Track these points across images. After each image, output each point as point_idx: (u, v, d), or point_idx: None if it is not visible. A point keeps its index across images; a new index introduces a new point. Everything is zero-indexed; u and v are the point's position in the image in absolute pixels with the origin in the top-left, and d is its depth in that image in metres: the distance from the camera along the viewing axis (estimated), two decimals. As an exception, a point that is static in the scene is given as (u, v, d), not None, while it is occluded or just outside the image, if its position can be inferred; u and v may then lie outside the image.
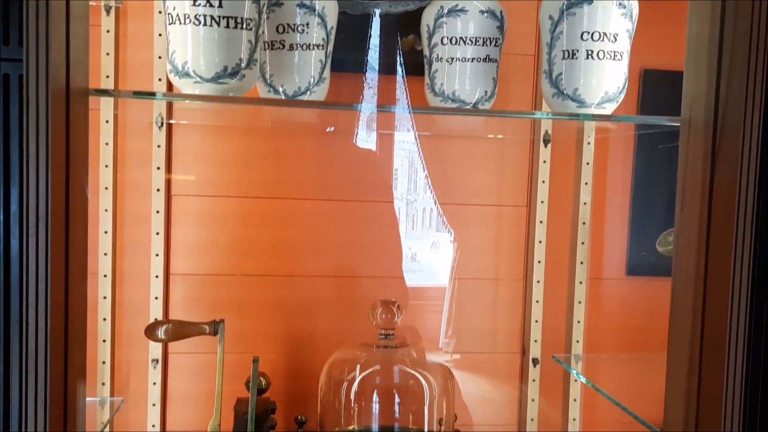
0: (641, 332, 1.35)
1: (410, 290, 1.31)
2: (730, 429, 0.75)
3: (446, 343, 1.33)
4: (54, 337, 0.63)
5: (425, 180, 1.30)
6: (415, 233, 1.32)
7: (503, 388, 1.34)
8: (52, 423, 0.64)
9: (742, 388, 0.75)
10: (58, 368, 0.66)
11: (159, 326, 1.02)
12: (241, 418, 0.97)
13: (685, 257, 0.79)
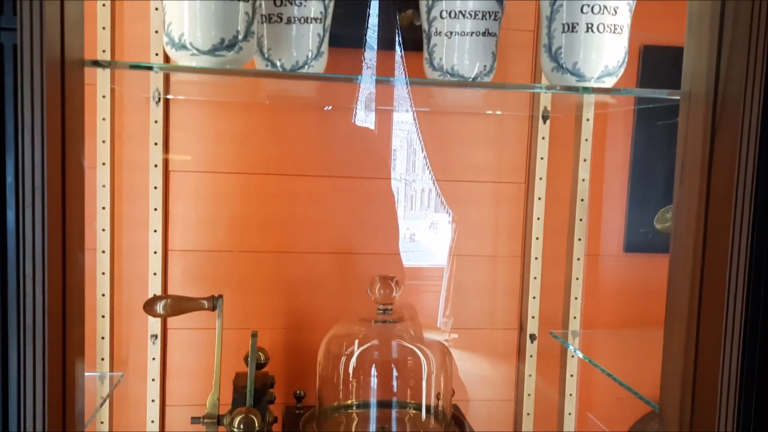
0: (639, 309, 1.35)
1: (408, 270, 1.31)
2: (726, 406, 0.76)
3: (444, 322, 1.34)
4: (52, 310, 0.63)
5: (423, 158, 1.30)
6: (414, 213, 1.32)
7: (501, 364, 1.35)
8: (50, 398, 0.64)
9: (738, 365, 0.76)
10: (57, 343, 0.66)
11: (158, 301, 1.02)
12: (240, 392, 0.97)
13: (684, 232, 0.79)
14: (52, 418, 0.66)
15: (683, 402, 0.80)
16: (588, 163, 1.28)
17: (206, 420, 0.97)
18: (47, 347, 0.63)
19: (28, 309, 0.62)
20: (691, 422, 0.79)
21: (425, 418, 1.08)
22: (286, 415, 1.14)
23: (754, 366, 0.76)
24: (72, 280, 0.66)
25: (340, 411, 1.11)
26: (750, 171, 0.72)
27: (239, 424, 0.86)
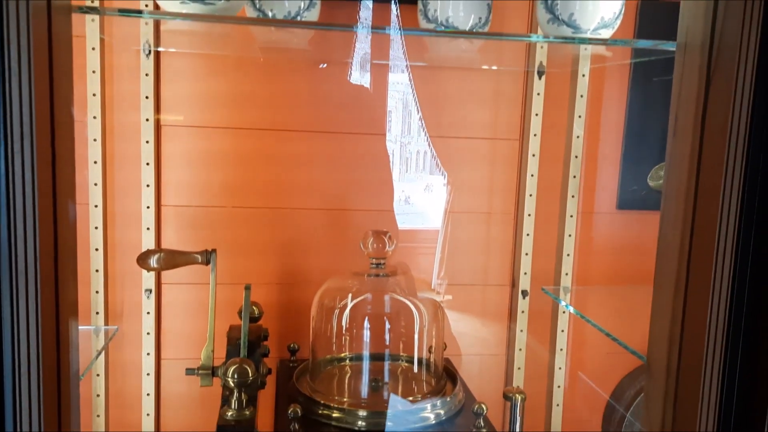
0: (631, 266, 1.36)
1: (403, 233, 1.31)
2: (712, 359, 0.77)
3: (438, 283, 1.35)
4: (44, 261, 0.63)
5: (419, 117, 1.28)
6: (409, 176, 1.31)
7: (492, 320, 1.37)
8: (44, 353, 0.65)
9: (725, 319, 0.76)
10: (49, 296, 0.66)
11: (151, 255, 1.02)
12: (234, 344, 0.98)
13: (676, 186, 0.80)
14: (47, 372, 0.66)
15: (670, 355, 0.81)
16: (582, 120, 1.28)
17: (201, 371, 0.98)
18: (40, 300, 0.64)
19: (20, 259, 0.62)
20: (678, 375, 0.80)
21: (417, 370, 1.10)
22: (280, 368, 1.16)
23: (741, 320, 0.76)
24: (64, 229, 0.66)
25: (333, 364, 1.13)
26: (743, 122, 0.72)
27: (233, 374, 0.87)
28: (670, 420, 0.80)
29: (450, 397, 1.01)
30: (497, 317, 1.37)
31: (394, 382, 1.09)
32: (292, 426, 0.92)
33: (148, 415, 1.25)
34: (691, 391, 0.76)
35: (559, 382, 1.36)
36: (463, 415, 1.00)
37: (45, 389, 0.65)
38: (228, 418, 0.87)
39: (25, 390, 0.64)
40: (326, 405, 0.98)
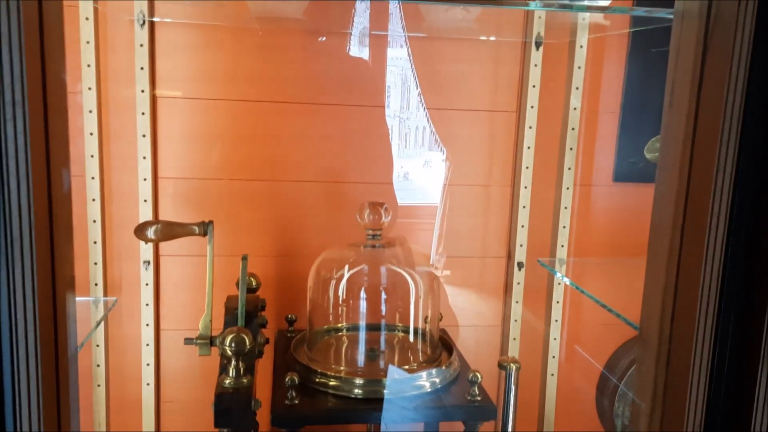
0: (626, 238, 1.37)
1: (402, 208, 1.31)
2: (704, 328, 0.77)
3: (437, 258, 1.35)
4: (39, 226, 0.64)
5: (417, 88, 1.28)
6: (408, 151, 1.31)
7: (488, 292, 1.38)
8: (41, 323, 0.65)
9: (718, 288, 0.77)
10: (45, 264, 0.66)
11: (148, 226, 1.02)
12: (232, 314, 0.99)
13: (671, 157, 0.80)
14: (44, 344, 0.66)
15: (663, 323, 0.82)
16: (580, 92, 1.27)
17: (199, 341, 0.99)
18: (36, 272, 0.64)
19: (14, 231, 0.62)
20: (670, 343, 0.81)
21: (413, 340, 1.11)
22: (278, 338, 1.17)
23: (733, 291, 0.77)
24: (59, 200, 0.66)
25: (330, 334, 1.14)
26: (740, 92, 0.71)
27: (230, 343, 0.88)
28: (661, 387, 0.81)
29: (445, 366, 1.02)
30: (493, 289, 1.38)
31: (391, 352, 1.10)
32: (289, 394, 0.93)
33: (148, 384, 1.26)
34: (683, 359, 0.77)
35: (553, 353, 1.38)
36: (458, 384, 1.01)
37: (42, 360, 0.65)
38: (226, 385, 0.87)
39: (23, 362, 0.64)
40: (323, 373, 0.99)
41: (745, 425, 0.77)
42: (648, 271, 0.85)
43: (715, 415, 0.78)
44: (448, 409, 0.96)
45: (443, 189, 1.32)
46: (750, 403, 0.77)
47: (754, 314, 0.75)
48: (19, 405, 0.65)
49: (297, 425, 0.92)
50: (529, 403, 1.41)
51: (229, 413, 0.87)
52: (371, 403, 0.95)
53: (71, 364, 0.72)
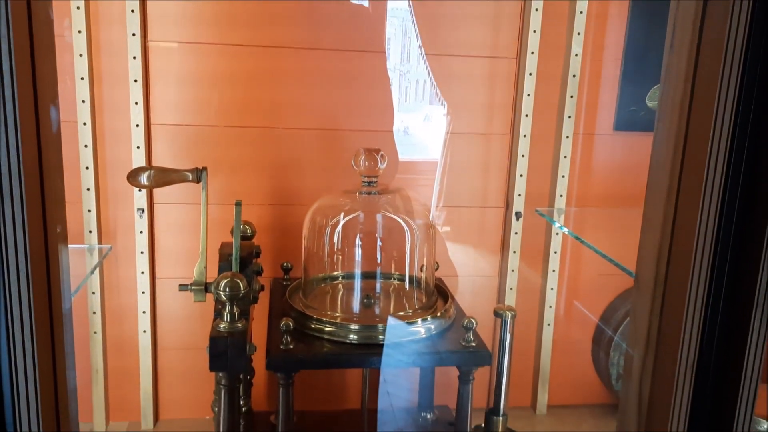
0: (626, 187, 1.36)
1: (402, 163, 1.30)
2: (699, 273, 0.77)
3: (437, 215, 1.34)
4: (28, 169, 0.62)
5: (418, 40, 1.25)
6: (408, 105, 1.29)
7: (486, 242, 1.37)
8: (33, 268, 0.64)
9: (714, 234, 0.76)
10: (36, 206, 0.65)
11: (141, 172, 1.01)
12: (226, 260, 0.99)
13: (670, 99, 0.78)
14: (37, 290, 0.66)
15: (658, 269, 0.81)
16: (582, 38, 1.24)
17: (194, 287, 0.98)
18: (26, 217, 0.63)
19: (3, 176, 0.61)
20: (665, 287, 0.81)
21: (408, 288, 1.11)
22: (274, 286, 1.17)
23: (730, 235, 0.76)
24: (47, 137, 0.65)
25: (326, 281, 1.14)
26: (740, 38, 0.69)
27: (224, 288, 0.87)
28: (655, 331, 0.81)
29: (440, 313, 1.02)
30: (491, 239, 1.37)
31: (386, 299, 1.10)
32: (284, 339, 0.94)
33: (145, 332, 1.27)
34: (677, 303, 0.77)
35: (550, 303, 1.38)
36: (453, 330, 1.01)
37: (36, 308, 0.65)
38: (220, 330, 0.87)
39: (16, 308, 0.64)
40: (319, 319, 0.99)
41: (737, 370, 0.78)
42: (645, 215, 0.84)
43: (707, 359, 0.79)
44: (443, 354, 0.96)
45: (444, 143, 1.31)
46: (742, 347, 0.77)
47: (749, 260, 0.75)
48: (14, 353, 0.65)
49: (292, 369, 0.93)
50: (525, 352, 1.43)
51: (224, 356, 0.87)
52: (366, 348, 0.96)
53: (66, 311, 0.72)
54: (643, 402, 0.85)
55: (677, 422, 0.81)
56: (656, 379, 0.83)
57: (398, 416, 1.22)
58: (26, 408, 0.66)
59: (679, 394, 0.79)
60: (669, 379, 0.80)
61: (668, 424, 0.81)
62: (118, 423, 1.32)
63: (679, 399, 0.79)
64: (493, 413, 1.17)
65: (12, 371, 0.65)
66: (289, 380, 0.93)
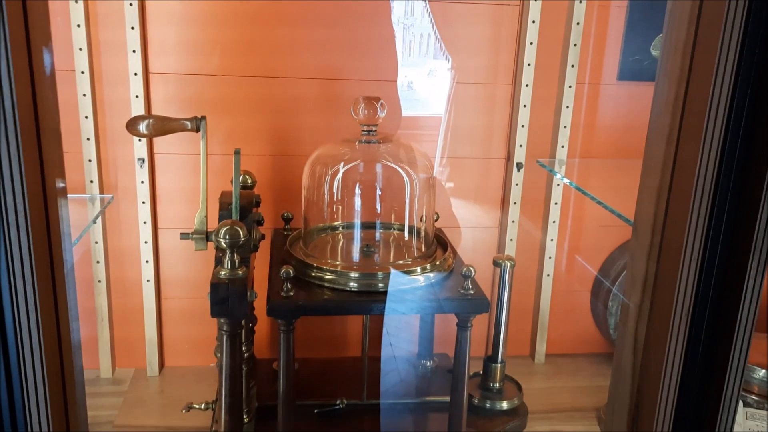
0: (628, 138, 1.35)
1: (406, 119, 1.29)
2: (697, 219, 0.77)
3: (440, 171, 1.34)
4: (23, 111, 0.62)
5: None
6: (412, 60, 1.27)
7: (487, 193, 1.37)
8: (32, 217, 0.64)
9: (713, 180, 0.76)
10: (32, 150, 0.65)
11: (140, 121, 1.01)
12: (226, 209, 0.99)
13: (673, 45, 0.77)
14: (37, 238, 0.66)
15: (656, 215, 0.81)
16: (587, -16, 1.22)
17: (195, 236, 0.99)
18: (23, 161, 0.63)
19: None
20: (662, 234, 0.81)
21: (408, 237, 1.11)
22: (275, 236, 1.17)
23: (729, 181, 0.76)
24: (41, 79, 0.64)
25: (326, 231, 1.14)
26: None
27: (224, 235, 0.88)
28: (652, 277, 0.82)
29: (439, 262, 1.03)
30: (492, 190, 1.37)
31: (386, 248, 1.11)
32: (284, 286, 0.95)
33: (148, 281, 1.28)
34: (674, 249, 0.77)
35: (550, 254, 1.39)
36: (451, 279, 1.02)
37: (37, 259, 0.65)
38: (221, 277, 0.88)
39: (17, 256, 0.64)
40: (319, 267, 1.00)
41: (732, 316, 0.78)
42: (645, 160, 0.84)
43: (703, 304, 0.79)
44: (442, 301, 0.97)
45: (448, 96, 1.29)
46: (738, 293, 0.77)
47: (748, 207, 0.75)
48: (17, 305, 0.66)
49: (292, 316, 0.94)
50: (524, 302, 1.44)
51: (225, 303, 0.88)
52: (365, 296, 0.97)
53: (67, 259, 0.72)
54: (638, 348, 0.86)
55: (671, 367, 0.82)
56: (651, 325, 0.83)
57: (398, 363, 1.24)
58: (30, 359, 0.67)
59: (673, 339, 0.80)
60: (664, 324, 0.80)
61: (662, 370, 0.83)
62: (125, 369, 1.35)
63: (674, 344, 0.80)
64: (491, 360, 1.20)
65: (15, 323, 0.66)
66: (289, 327, 0.95)
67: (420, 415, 1.14)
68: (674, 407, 0.84)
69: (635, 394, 0.88)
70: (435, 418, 1.12)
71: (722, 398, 0.82)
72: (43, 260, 0.67)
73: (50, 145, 0.68)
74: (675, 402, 0.84)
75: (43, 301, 0.67)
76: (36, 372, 0.68)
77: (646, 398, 0.86)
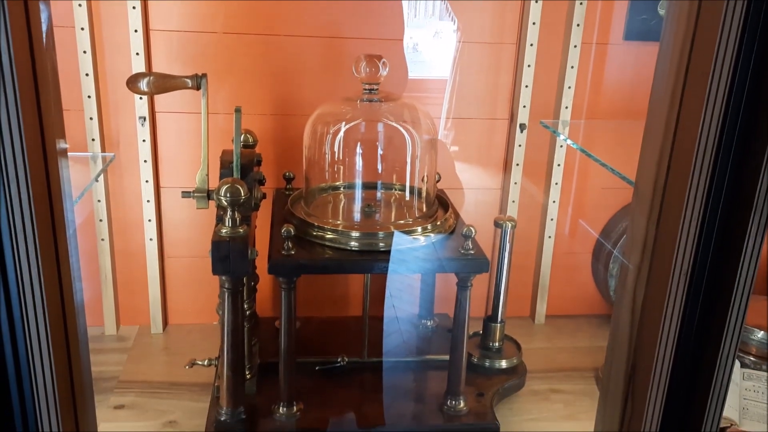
0: (634, 99, 1.33)
1: (411, 81, 1.27)
2: (697, 183, 0.77)
3: (445, 134, 1.33)
4: (20, 67, 0.62)
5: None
6: (418, 21, 1.25)
7: (490, 154, 1.36)
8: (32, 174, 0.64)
9: (715, 141, 0.75)
10: (32, 110, 0.65)
11: (141, 78, 1.00)
12: (227, 167, 0.99)
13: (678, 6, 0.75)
14: (37, 193, 0.66)
15: (658, 176, 0.81)
16: (594, -60, 1.19)
17: (196, 194, 0.99)
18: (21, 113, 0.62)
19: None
20: (663, 196, 0.81)
21: (409, 197, 1.11)
22: (276, 196, 1.18)
23: (732, 142, 0.75)
24: (37, 33, 0.64)
25: (327, 191, 1.14)
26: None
27: (225, 193, 0.88)
28: (652, 238, 0.82)
29: (440, 222, 1.03)
30: (495, 152, 1.36)
31: (387, 208, 1.11)
32: (285, 245, 0.95)
33: (151, 239, 1.29)
34: (675, 211, 0.77)
35: (552, 216, 1.39)
36: (452, 239, 1.02)
37: (37, 214, 0.65)
38: (222, 234, 0.89)
39: (17, 214, 0.65)
40: (320, 227, 1.00)
41: (730, 277, 0.79)
42: (648, 121, 0.83)
43: (702, 266, 0.80)
44: (442, 261, 0.98)
45: (453, 57, 1.27)
46: (737, 255, 0.77)
47: (749, 168, 0.74)
48: (19, 265, 0.66)
49: (293, 274, 0.95)
50: (525, 264, 1.45)
51: (226, 260, 0.89)
52: (366, 255, 0.97)
53: (68, 216, 0.72)
54: (636, 308, 0.87)
55: (668, 327, 0.83)
56: (650, 285, 0.84)
57: (399, 323, 1.25)
58: (34, 316, 0.68)
59: (671, 299, 0.81)
60: (663, 285, 0.81)
61: (659, 330, 0.83)
62: (129, 327, 1.36)
63: (672, 304, 0.81)
64: (491, 320, 1.21)
65: (17, 279, 0.67)
66: (290, 285, 0.95)
67: (420, 372, 1.15)
68: (671, 366, 0.85)
69: (632, 354, 0.89)
70: (434, 375, 1.14)
71: (719, 357, 0.83)
72: (44, 217, 0.68)
73: (49, 101, 0.68)
74: (672, 361, 0.85)
75: (44, 256, 0.67)
76: (39, 328, 0.69)
77: (643, 357, 0.87)
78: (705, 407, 0.86)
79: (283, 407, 1.02)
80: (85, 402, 0.80)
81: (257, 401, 1.05)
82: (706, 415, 0.86)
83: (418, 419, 1.05)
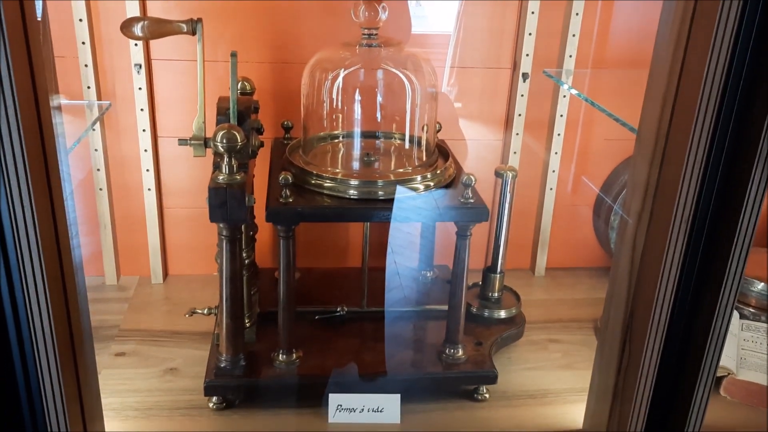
0: (640, 48, 1.30)
1: (414, 36, 1.24)
2: (700, 130, 0.75)
3: (449, 90, 1.30)
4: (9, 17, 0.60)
5: None
6: None
7: (492, 104, 1.34)
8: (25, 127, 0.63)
9: (719, 91, 0.74)
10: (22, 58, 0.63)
11: (135, 22, 0.98)
12: (224, 114, 0.97)
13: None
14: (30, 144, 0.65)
15: (661, 122, 0.80)
16: None
17: (193, 142, 0.98)
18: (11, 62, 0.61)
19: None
20: (666, 141, 0.79)
21: (409, 146, 1.10)
22: (274, 145, 1.16)
23: (737, 90, 0.74)
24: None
25: (326, 140, 1.13)
26: None
27: (221, 139, 0.87)
28: (653, 187, 0.81)
29: (440, 171, 1.02)
30: (497, 102, 1.34)
31: (386, 156, 1.10)
32: (283, 192, 0.94)
33: (150, 189, 1.28)
34: (677, 159, 0.76)
35: (554, 167, 1.37)
36: (452, 188, 1.01)
37: (30, 162, 0.64)
38: (219, 181, 0.88)
39: (11, 162, 0.64)
40: (318, 175, 0.99)
41: (731, 228, 0.78)
42: (652, 69, 0.82)
43: (703, 215, 0.79)
44: (441, 210, 0.97)
45: (458, 16, 1.24)
46: (739, 205, 0.77)
47: (753, 117, 0.73)
48: (15, 220, 0.66)
49: (291, 222, 0.94)
50: (526, 216, 1.44)
51: (223, 207, 0.88)
52: (365, 203, 0.96)
53: (63, 165, 0.72)
54: (635, 256, 0.86)
55: (667, 275, 0.82)
56: (650, 233, 0.83)
57: (399, 273, 1.25)
58: (30, 266, 0.68)
59: (671, 247, 0.80)
60: (663, 232, 0.80)
61: (658, 278, 0.83)
62: (129, 277, 1.37)
63: (672, 252, 0.80)
64: (491, 270, 1.21)
65: (13, 228, 0.66)
66: (288, 233, 0.95)
67: (419, 322, 1.16)
68: (669, 315, 0.85)
69: (631, 302, 0.89)
70: (433, 325, 1.14)
71: (717, 306, 0.83)
72: (38, 166, 0.67)
73: (38, 45, 0.66)
74: (670, 309, 0.85)
75: (39, 204, 0.67)
76: (36, 278, 0.69)
77: (642, 305, 0.87)
78: (702, 355, 0.86)
79: (282, 354, 1.02)
80: (84, 348, 0.81)
81: (257, 349, 1.06)
82: (703, 363, 0.86)
83: (417, 366, 1.06)
